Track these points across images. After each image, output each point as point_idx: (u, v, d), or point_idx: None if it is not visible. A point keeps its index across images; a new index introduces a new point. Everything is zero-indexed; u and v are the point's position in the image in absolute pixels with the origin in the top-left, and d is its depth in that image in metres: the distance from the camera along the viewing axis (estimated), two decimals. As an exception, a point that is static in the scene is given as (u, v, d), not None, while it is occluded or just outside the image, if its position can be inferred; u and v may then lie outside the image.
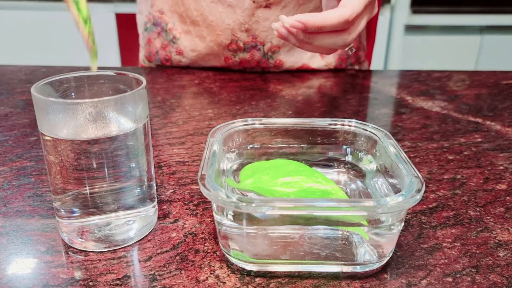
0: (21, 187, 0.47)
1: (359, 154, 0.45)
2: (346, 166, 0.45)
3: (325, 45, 0.48)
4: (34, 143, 0.57)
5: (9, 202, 0.44)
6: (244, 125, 0.44)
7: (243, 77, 0.87)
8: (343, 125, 0.45)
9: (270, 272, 0.35)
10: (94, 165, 0.35)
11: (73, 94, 0.39)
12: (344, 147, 0.45)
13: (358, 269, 0.35)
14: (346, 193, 0.42)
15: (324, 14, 0.46)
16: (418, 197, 0.32)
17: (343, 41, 0.47)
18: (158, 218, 0.42)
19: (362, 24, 0.49)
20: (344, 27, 0.47)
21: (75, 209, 0.36)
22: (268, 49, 0.86)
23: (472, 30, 2.32)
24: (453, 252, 0.38)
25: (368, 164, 0.44)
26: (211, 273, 0.35)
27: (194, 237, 0.39)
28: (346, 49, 0.53)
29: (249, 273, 0.35)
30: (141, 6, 0.94)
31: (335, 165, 0.45)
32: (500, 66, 2.35)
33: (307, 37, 0.48)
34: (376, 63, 2.32)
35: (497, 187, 0.48)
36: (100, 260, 0.36)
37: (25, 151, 0.54)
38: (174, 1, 0.85)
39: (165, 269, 0.35)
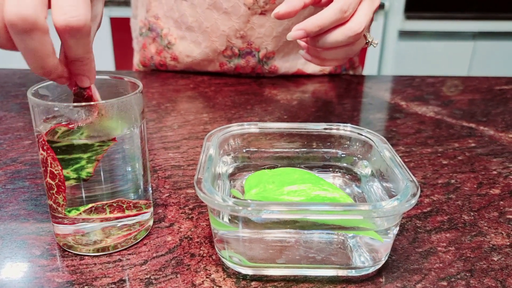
0: (16, 190, 0.46)
1: (354, 158, 0.45)
2: (342, 171, 0.45)
3: (338, 42, 0.47)
4: (28, 147, 0.56)
5: (3, 206, 0.44)
6: (240, 129, 0.44)
7: (238, 82, 0.87)
8: (339, 129, 0.45)
9: (266, 276, 0.35)
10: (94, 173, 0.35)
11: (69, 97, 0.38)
12: (340, 151, 0.45)
13: (354, 273, 0.35)
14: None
15: (319, 13, 0.46)
16: (413, 201, 0.32)
17: (351, 31, 0.47)
18: (154, 222, 0.42)
19: (364, 11, 0.48)
20: (343, 18, 0.46)
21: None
22: (263, 55, 0.86)
23: (465, 36, 2.34)
24: (448, 256, 0.38)
25: (363, 168, 0.44)
26: (207, 277, 0.35)
27: (190, 241, 0.39)
28: (368, 45, 0.52)
29: (244, 277, 0.35)
30: (136, 11, 0.94)
31: (331, 169, 0.46)
32: (492, 71, 2.37)
33: (318, 42, 0.48)
34: (370, 68, 2.33)
35: (491, 191, 0.48)
36: (95, 264, 0.36)
37: (20, 155, 0.54)
38: (169, 6, 0.85)
39: (160, 273, 0.35)
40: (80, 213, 0.35)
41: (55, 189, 0.34)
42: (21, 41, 0.30)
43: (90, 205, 0.35)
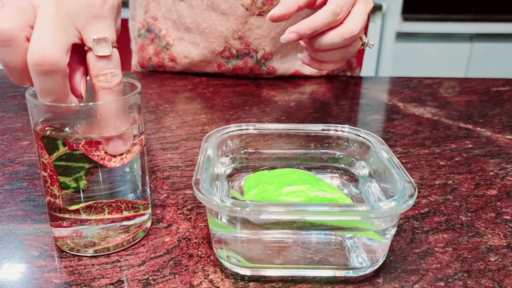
0: (14, 191, 0.46)
1: (352, 159, 0.45)
2: (339, 171, 0.45)
3: (334, 43, 0.47)
4: (26, 148, 0.56)
5: (1, 207, 0.44)
6: (238, 130, 0.45)
7: (236, 83, 0.87)
8: (336, 130, 0.45)
9: (264, 277, 0.35)
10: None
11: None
12: (337, 152, 0.46)
13: (351, 273, 0.35)
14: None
15: (312, 16, 0.47)
16: (411, 202, 0.32)
17: (348, 33, 0.47)
18: (152, 222, 0.42)
19: (359, 12, 0.48)
20: (336, 21, 0.47)
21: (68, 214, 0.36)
22: (261, 56, 0.86)
23: (462, 37, 2.35)
24: (445, 257, 0.38)
25: (361, 169, 0.44)
26: (205, 278, 0.35)
27: (188, 242, 0.39)
28: (364, 46, 0.53)
29: (243, 277, 0.35)
30: (135, 12, 0.94)
31: (328, 170, 0.46)
32: (489, 73, 2.38)
33: (314, 44, 0.48)
34: (368, 70, 2.33)
35: (488, 192, 0.49)
36: (93, 264, 0.36)
37: (18, 156, 0.54)
38: (167, 8, 0.85)
39: (158, 273, 0.35)
40: (79, 210, 0.35)
41: (49, 181, 0.34)
42: (40, 81, 0.32)
43: (90, 202, 0.35)
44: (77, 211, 0.35)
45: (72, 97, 0.34)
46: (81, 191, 0.35)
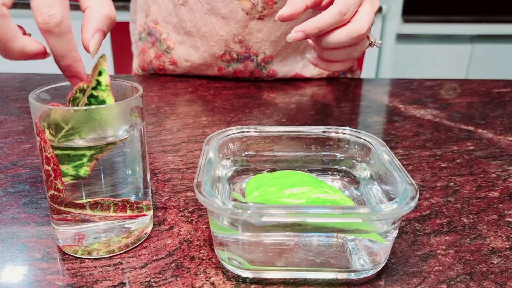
0: (16, 194, 0.46)
1: (353, 161, 0.45)
2: (340, 174, 0.45)
3: (341, 42, 0.48)
4: (29, 150, 0.56)
5: (4, 209, 0.44)
6: (239, 132, 0.45)
7: (236, 85, 0.87)
8: (337, 132, 0.45)
9: (266, 279, 0.35)
10: (91, 172, 0.35)
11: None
12: (338, 154, 0.46)
13: (353, 276, 0.35)
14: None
15: (319, 15, 0.47)
16: (413, 204, 0.32)
17: (355, 32, 0.47)
18: (153, 225, 0.42)
19: (365, 12, 0.48)
20: (342, 21, 0.47)
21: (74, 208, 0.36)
22: (262, 59, 0.86)
23: (462, 39, 2.35)
24: (447, 259, 0.38)
25: (362, 171, 0.44)
26: (206, 280, 0.35)
27: (190, 244, 0.39)
28: (372, 45, 0.53)
29: (244, 280, 0.35)
30: (135, 16, 0.95)
31: (330, 172, 0.46)
32: (490, 74, 2.38)
33: (320, 42, 0.48)
34: (368, 72, 2.33)
35: (490, 194, 0.49)
36: (95, 267, 0.36)
37: (20, 158, 0.54)
38: (168, 11, 0.85)
39: (160, 276, 0.35)
40: (85, 206, 0.35)
41: (53, 175, 0.34)
42: None
43: (98, 199, 0.35)
44: (82, 207, 0.35)
45: (21, 42, 0.34)
46: (82, 188, 0.35)
